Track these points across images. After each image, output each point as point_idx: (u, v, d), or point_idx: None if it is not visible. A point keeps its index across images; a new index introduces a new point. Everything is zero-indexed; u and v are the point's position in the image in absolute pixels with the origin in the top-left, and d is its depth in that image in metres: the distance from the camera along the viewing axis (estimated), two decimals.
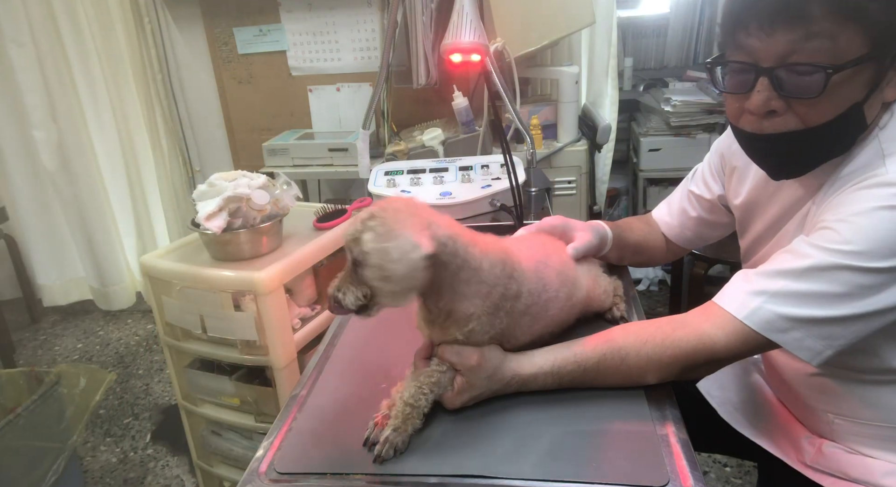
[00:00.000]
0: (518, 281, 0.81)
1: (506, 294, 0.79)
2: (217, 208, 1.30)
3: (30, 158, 2.81)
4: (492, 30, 2.05)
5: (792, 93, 0.76)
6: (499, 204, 1.52)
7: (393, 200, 0.76)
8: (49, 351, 2.93)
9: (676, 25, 3.04)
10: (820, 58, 0.73)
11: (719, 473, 1.92)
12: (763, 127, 0.80)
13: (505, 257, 0.80)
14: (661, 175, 2.92)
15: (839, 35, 0.72)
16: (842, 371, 0.87)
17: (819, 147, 0.80)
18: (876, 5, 0.71)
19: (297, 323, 1.43)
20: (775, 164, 0.86)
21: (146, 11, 2.75)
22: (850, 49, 0.73)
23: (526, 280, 0.82)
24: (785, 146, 0.81)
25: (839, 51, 0.73)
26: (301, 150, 2.51)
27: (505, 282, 0.79)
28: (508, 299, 0.80)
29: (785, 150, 0.82)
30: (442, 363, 0.80)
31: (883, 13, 0.72)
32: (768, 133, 0.80)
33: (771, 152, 0.84)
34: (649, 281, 3.03)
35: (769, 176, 0.89)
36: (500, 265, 0.79)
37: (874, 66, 0.75)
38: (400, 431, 0.76)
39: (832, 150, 0.81)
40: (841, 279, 0.73)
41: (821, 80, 0.73)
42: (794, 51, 0.74)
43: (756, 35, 0.76)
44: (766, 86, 0.77)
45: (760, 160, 0.87)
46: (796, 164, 0.84)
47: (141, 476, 2.09)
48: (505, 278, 0.79)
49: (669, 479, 0.69)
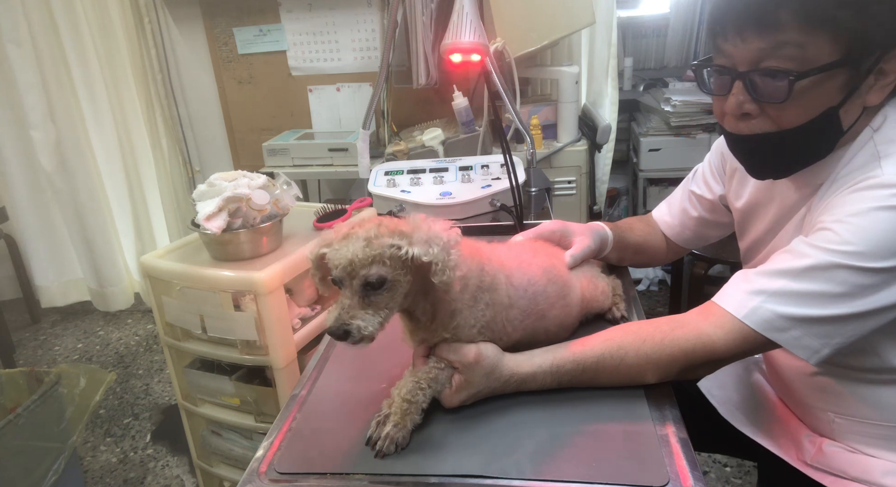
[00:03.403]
0: (490, 273, 0.82)
1: (481, 285, 0.81)
2: (217, 208, 1.30)
3: (28, 159, 2.81)
4: (492, 30, 2.05)
5: (763, 97, 0.79)
6: (499, 204, 1.52)
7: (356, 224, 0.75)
8: (49, 351, 2.93)
9: (676, 25, 3.04)
10: (789, 64, 0.75)
11: (719, 473, 1.92)
12: (740, 128, 0.83)
13: (472, 252, 0.82)
14: (661, 175, 2.92)
15: (809, 42, 0.74)
16: (842, 370, 0.87)
17: (795, 149, 0.82)
18: (846, 14, 0.73)
19: (297, 323, 1.43)
20: (754, 164, 0.89)
21: (146, 11, 2.75)
22: (820, 56, 0.74)
23: (501, 273, 0.84)
24: (760, 147, 0.84)
25: (808, 57, 0.74)
26: (301, 150, 2.51)
27: (478, 274, 0.81)
28: (485, 290, 0.81)
29: (761, 151, 0.85)
30: (440, 361, 0.80)
31: (854, 21, 0.73)
32: (745, 134, 0.83)
33: (748, 152, 0.87)
34: (649, 281, 3.03)
35: (749, 174, 0.91)
36: (469, 258, 0.80)
37: (847, 72, 0.76)
38: (399, 426, 0.76)
39: (810, 153, 0.83)
40: (839, 278, 0.73)
41: (787, 86, 0.76)
42: (766, 56, 0.76)
43: (732, 41, 0.79)
44: (740, 90, 0.80)
45: (740, 159, 0.90)
46: (774, 165, 0.86)
47: (141, 476, 2.09)
48: (477, 270, 0.81)
49: (669, 479, 0.69)
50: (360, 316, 0.71)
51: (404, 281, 0.73)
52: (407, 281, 0.74)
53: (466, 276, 0.79)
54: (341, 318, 0.70)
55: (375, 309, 0.72)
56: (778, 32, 0.75)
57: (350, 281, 0.71)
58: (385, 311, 0.73)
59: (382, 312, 0.72)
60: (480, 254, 0.83)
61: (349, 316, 0.70)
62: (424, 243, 0.72)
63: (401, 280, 0.73)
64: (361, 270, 0.70)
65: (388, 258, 0.71)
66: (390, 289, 0.72)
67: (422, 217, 0.76)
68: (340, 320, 0.70)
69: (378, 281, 0.71)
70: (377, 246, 0.71)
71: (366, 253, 0.70)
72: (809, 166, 0.84)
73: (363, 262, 0.70)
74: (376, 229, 0.72)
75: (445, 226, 0.76)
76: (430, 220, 0.76)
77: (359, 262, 0.70)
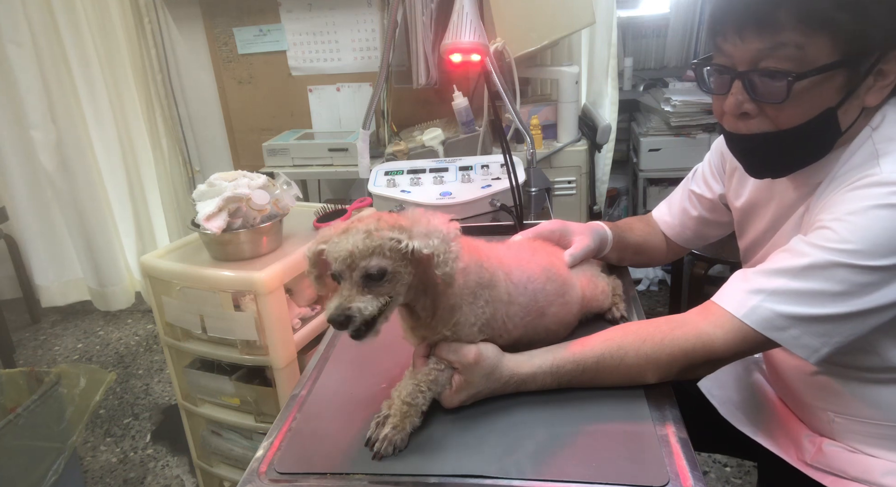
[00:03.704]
0: (489, 270, 0.82)
1: (480, 282, 0.81)
2: (217, 208, 1.30)
3: (29, 158, 2.81)
4: (492, 30, 2.05)
5: (762, 97, 0.79)
6: (499, 204, 1.52)
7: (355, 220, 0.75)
8: (49, 351, 2.93)
9: (676, 25, 3.04)
10: (787, 64, 0.75)
11: (719, 473, 1.92)
12: (738, 127, 0.84)
13: (471, 249, 0.82)
14: (661, 175, 2.92)
15: (807, 43, 0.74)
16: (842, 369, 0.87)
17: (793, 149, 0.82)
18: (844, 15, 0.73)
19: (297, 323, 1.43)
20: (752, 163, 0.89)
21: (146, 11, 2.75)
22: (819, 57, 0.75)
23: (500, 270, 0.84)
24: (759, 146, 0.84)
25: (807, 58, 0.75)
26: (301, 150, 2.51)
27: (477, 271, 0.81)
28: (484, 287, 0.81)
29: (759, 151, 0.85)
30: (440, 361, 0.80)
31: (852, 22, 0.73)
32: (743, 133, 0.83)
33: (746, 151, 0.87)
34: (649, 281, 3.03)
35: (748, 173, 0.91)
36: (467, 255, 0.80)
37: (846, 73, 0.76)
38: (399, 429, 0.76)
39: (808, 153, 0.83)
40: (838, 277, 0.73)
41: (785, 87, 0.76)
42: (765, 57, 0.77)
43: (732, 40, 0.79)
44: (739, 89, 0.80)
45: (739, 158, 0.90)
46: (772, 165, 0.86)
47: (141, 476, 2.09)
48: (476, 267, 0.81)
49: (669, 479, 0.69)
50: (360, 300, 0.70)
51: (405, 274, 0.73)
52: (409, 274, 0.73)
53: (466, 271, 0.79)
54: (341, 306, 0.70)
55: (376, 296, 0.71)
56: (777, 33, 0.75)
57: (350, 274, 0.71)
58: (386, 298, 0.72)
59: (383, 298, 0.71)
60: (479, 252, 0.83)
61: (348, 301, 0.70)
62: (424, 236, 0.72)
63: (402, 272, 0.72)
64: (362, 262, 0.70)
65: (389, 250, 0.71)
66: (391, 281, 0.72)
67: (420, 211, 0.76)
68: (341, 307, 0.70)
69: (379, 272, 0.70)
70: (377, 237, 0.70)
71: (366, 245, 0.70)
72: (808, 166, 0.84)
73: (363, 253, 0.70)
74: (376, 223, 0.72)
75: (444, 220, 0.76)
76: (428, 214, 0.76)
77: (359, 253, 0.70)
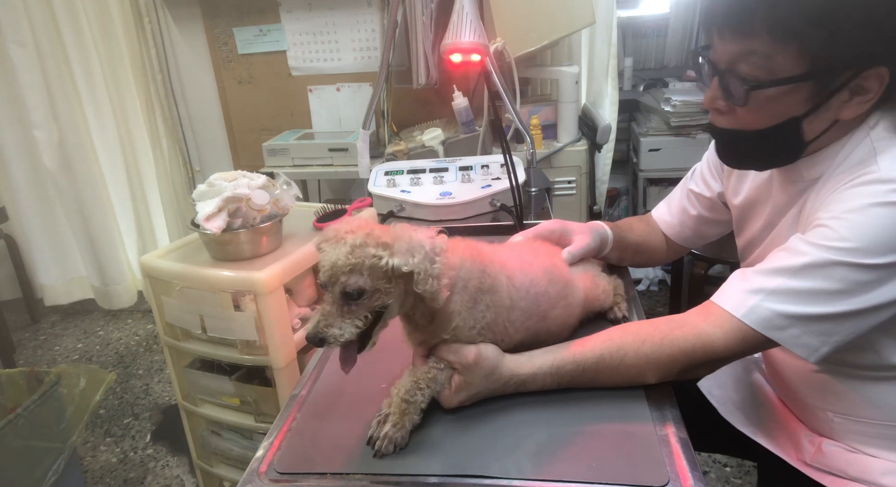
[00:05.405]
0: (492, 275, 0.83)
1: (481, 287, 0.81)
2: (217, 208, 1.30)
3: (30, 158, 2.82)
4: (492, 30, 2.05)
5: (729, 96, 0.82)
6: (499, 204, 1.52)
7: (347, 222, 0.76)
8: (49, 351, 2.93)
9: (676, 25, 3.04)
10: (755, 71, 0.78)
11: (719, 473, 1.92)
12: (715, 120, 0.88)
13: (475, 254, 0.83)
14: (661, 175, 2.92)
15: (776, 53, 0.76)
16: (841, 368, 0.87)
17: (757, 149, 0.86)
18: (815, 31, 0.74)
19: (297, 323, 1.43)
20: (724, 153, 0.93)
21: (146, 11, 2.76)
22: (785, 68, 0.76)
23: (503, 274, 0.84)
24: (729, 141, 0.89)
25: (773, 68, 0.77)
26: (301, 150, 2.51)
27: (478, 276, 0.81)
28: (485, 292, 0.82)
29: (730, 144, 0.90)
30: (440, 361, 0.80)
31: (822, 39, 0.74)
32: (717, 126, 0.88)
33: (719, 142, 0.92)
34: (649, 281, 3.03)
35: (721, 161, 0.97)
36: (469, 261, 0.81)
37: (813, 86, 0.77)
38: (398, 426, 0.76)
39: (773, 156, 0.86)
40: (837, 276, 0.74)
41: (744, 93, 0.79)
42: (740, 60, 0.79)
43: (717, 36, 0.82)
44: (715, 86, 0.84)
45: (715, 147, 0.94)
46: (740, 159, 0.92)
47: (141, 476, 2.09)
48: (478, 272, 0.81)
49: (669, 479, 0.69)
50: (337, 324, 0.72)
51: (390, 290, 0.74)
52: (394, 289, 0.74)
53: (466, 278, 0.80)
54: (318, 326, 0.72)
55: (353, 318, 0.72)
56: (750, 39, 0.77)
57: (332, 287, 0.72)
58: (365, 316, 0.73)
59: (360, 320, 0.73)
60: (482, 256, 0.83)
61: (325, 324, 0.72)
62: (405, 253, 0.72)
63: (382, 289, 0.73)
64: (341, 277, 0.71)
65: (369, 268, 0.71)
66: (370, 299, 0.73)
67: (404, 226, 0.76)
68: (317, 328, 0.72)
69: (356, 291, 0.71)
70: (359, 254, 0.71)
71: (346, 260, 0.71)
72: (793, 163, 0.86)
73: (342, 269, 0.71)
74: (363, 238, 0.73)
75: (430, 234, 0.76)
76: (411, 229, 0.76)
77: (339, 269, 0.71)
